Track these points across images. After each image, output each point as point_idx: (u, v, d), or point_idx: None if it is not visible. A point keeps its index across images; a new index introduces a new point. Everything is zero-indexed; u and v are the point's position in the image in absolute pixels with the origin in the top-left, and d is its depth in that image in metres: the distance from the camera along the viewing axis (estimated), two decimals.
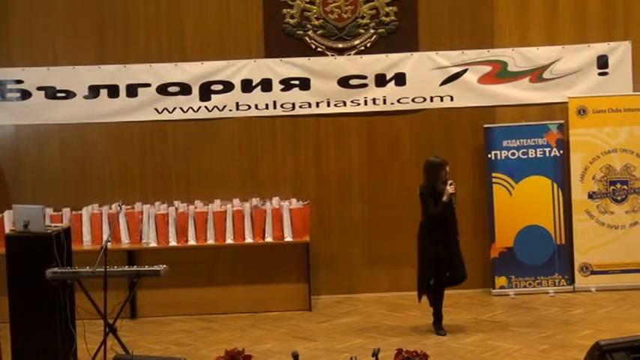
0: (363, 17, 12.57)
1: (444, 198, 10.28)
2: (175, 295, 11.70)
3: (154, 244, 11.82)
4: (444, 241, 10.37)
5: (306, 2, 12.54)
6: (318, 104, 12.59)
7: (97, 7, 12.52)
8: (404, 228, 12.32)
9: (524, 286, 12.34)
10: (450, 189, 10.27)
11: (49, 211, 11.50)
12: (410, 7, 12.56)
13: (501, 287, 12.35)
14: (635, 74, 12.56)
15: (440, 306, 10.55)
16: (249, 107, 12.56)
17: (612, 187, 12.32)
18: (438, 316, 10.55)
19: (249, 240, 11.85)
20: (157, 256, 11.21)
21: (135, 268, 9.74)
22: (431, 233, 10.42)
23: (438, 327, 10.51)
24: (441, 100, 12.62)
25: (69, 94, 12.42)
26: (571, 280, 12.40)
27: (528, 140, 12.39)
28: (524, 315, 11.23)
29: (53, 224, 10.30)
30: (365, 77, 12.59)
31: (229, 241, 11.84)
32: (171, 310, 11.73)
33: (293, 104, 12.58)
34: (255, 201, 12.19)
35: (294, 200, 12.22)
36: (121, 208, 10.95)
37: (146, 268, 9.43)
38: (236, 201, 12.19)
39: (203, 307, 11.75)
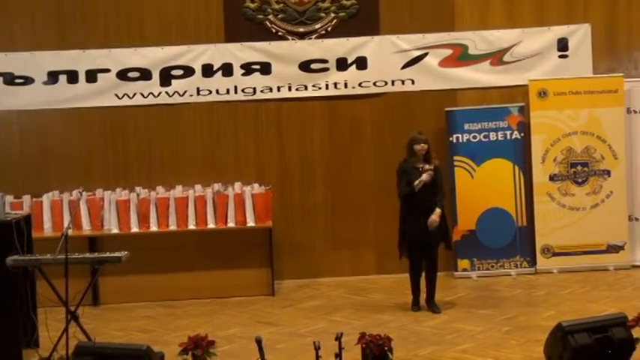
0: (323, 1, 12.56)
1: (416, 183, 10.33)
2: (138, 282, 11.60)
3: (115, 231, 11.73)
4: (413, 218, 10.49)
5: None
6: (279, 89, 12.55)
7: None
8: (366, 212, 12.69)
9: (487, 269, 12.39)
10: (424, 177, 10.33)
11: (9, 198, 11.30)
12: None
13: (464, 270, 12.40)
14: (595, 57, 12.66)
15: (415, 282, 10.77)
16: (210, 92, 12.52)
17: (573, 170, 12.39)
18: (412, 292, 10.77)
19: (211, 225, 11.79)
20: (118, 242, 11.05)
21: (96, 254, 9.73)
22: (402, 208, 10.59)
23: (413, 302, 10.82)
24: (403, 83, 12.63)
25: (28, 80, 12.32)
26: (533, 262, 12.45)
27: (489, 123, 12.41)
28: (486, 297, 11.25)
29: (13, 211, 10.16)
30: (326, 61, 12.56)
31: (191, 226, 11.79)
32: (134, 296, 11.64)
33: (254, 89, 12.53)
34: (217, 186, 12.09)
35: (256, 185, 12.15)
36: (81, 195, 10.82)
37: (108, 254, 9.35)
38: (198, 186, 12.11)
39: (166, 294, 11.68)
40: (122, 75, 12.43)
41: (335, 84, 12.60)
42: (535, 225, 12.41)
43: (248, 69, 12.51)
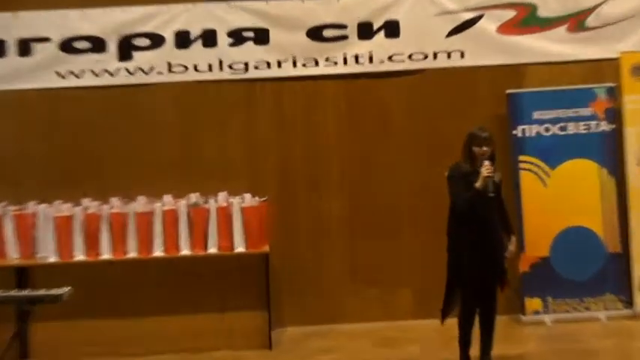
0: None
1: (477, 184, 8.84)
2: (83, 330, 10.38)
3: (53, 259, 10.38)
4: (477, 244, 8.98)
5: None
6: (280, 64, 11.07)
7: None
8: (399, 232, 11.22)
9: (566, 311, 10.88)
10: (484, 171, 8.77)
11: None
12: None
13: (535, 313, 10.91)
14: None
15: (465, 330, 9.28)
16: (186, 69, 11.06)
17: None
18: (463, 345, 9.21)
19: (185, 252, 10.37)
20: (57, 275, 9.82)
21: (27, 292, 8.84)
22: (459, 232, 9.07)
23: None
24: (448, 56, 11.07)
25: None
26: (629, 302, 10.90)
27: (568, 110, 10.88)
28: (566, 350, 9.77)
29: None
30: (344, 27, 11.02)
31: (158, 253, 10.38)
32: (77, 349, 10.27)
33: (246, 64, 11.05)
34: (194, 197, 10.64)
35: (247, 196, 10.67)
36: (6, 210, 10.29)
37: (43, 292, 8.54)
38: (167, 198, 10.63)
39: (122, 346, 10.34)
40: (66, 46, 10.98)
41: (356, 58, 11.06)
42: (631, 250, 10.81)
43: (238, 37, 11.01)
